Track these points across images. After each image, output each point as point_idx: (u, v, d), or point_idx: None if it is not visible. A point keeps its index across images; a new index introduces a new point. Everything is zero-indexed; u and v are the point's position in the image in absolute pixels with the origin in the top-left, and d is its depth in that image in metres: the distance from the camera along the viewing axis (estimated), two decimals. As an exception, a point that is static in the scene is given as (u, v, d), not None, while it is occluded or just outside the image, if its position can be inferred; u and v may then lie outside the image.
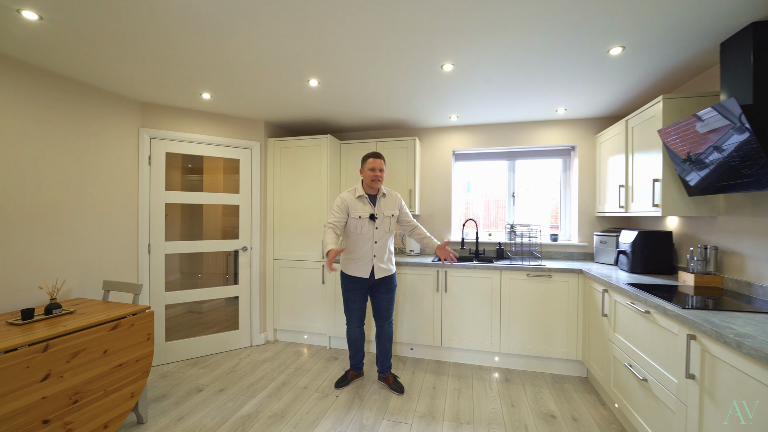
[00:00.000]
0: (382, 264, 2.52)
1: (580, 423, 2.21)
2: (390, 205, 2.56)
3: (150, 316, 2.17)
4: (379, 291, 2.57)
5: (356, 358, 2.70)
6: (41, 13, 1.65)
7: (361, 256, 2.50)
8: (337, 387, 2.62)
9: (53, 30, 1.79)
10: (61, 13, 1.64)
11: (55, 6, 1.59)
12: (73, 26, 1.76)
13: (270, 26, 1.75)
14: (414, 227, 2.64)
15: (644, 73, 2.27)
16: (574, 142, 3.38)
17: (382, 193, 2.54)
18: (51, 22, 1.72)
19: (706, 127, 1.73)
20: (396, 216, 2.57)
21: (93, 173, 2.53)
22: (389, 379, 2.64)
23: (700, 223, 2.32)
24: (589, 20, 1.68)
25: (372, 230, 2.48)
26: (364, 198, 2.50)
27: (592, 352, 2.59)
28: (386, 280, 2.57)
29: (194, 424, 2.16)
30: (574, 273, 2.77)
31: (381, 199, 2.53)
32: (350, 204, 2.48)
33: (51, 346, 1.67)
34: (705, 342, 1.39)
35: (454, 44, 1.92)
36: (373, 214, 2.47)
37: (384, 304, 2.59)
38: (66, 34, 1.83)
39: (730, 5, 1.56)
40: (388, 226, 2.53)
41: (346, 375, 2.70)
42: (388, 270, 2.56)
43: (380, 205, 2.51)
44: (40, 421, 1.62)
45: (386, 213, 2.52)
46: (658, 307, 1.71)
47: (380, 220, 2.49)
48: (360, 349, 2.70)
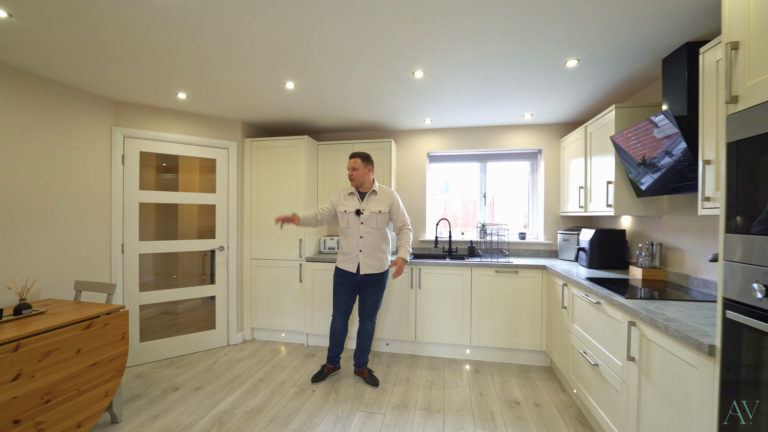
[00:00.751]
0: (368, 260, 2.56)
1: (542, 408, 2.38)
2: (379, 202, 2.59)
3: (124, 316, 2.18)
4: (366, 290, 2.63)
5: (334, 351, 2.76)
6: (11, 11, 1.64)
7: (348, 251, 2.58)
8: (314, 382, 2.68)
9: (24, 28, 1.78)
10: (31, 11, 1.64)
11: (25, 4, 1.59)
12: (45, 25, 1.75)
13: (247, 31, 1.81)
14: (400, 229, 2.66)
15: (598, 83, 2.46)
16: (541, 145, 3.58)
17: (373, 190, 2.61)
18: (21, 19, 1.71)
19: (661, 133, 1.89)
20: (385, 213, 2.58)
21: (64, 172, 2.49)
22: (364, 373, 2.72)
23: (648, 221, 2.54)
24: (547, 34, 1.83)
25: (357, 225, 2.55)
26: (355, 194, 2.62)
27: (554, 343, 2.78)
28: (373, 279, 2.61)
29: (170, 422, 2.18)
30: (538, 269, 2.95)
31: (371, 195, 2.61)
32: (340, 199, 2.63)
33: (22, 346, 1.66)
34: (642, 327, 1.56)
35: (424, 53, 2.03)
36: (359, 209, 2.56)
37: (369, 303, 2.65)
38: (37, 33, 1.83)
39: (668, 26, 1.75)
40: (375, 222, 2.56)
41: (322, 370, 2.75)
42: (375, 267, 2.58)
43: (368, 202, 2.58)
44: (11, 421, 1.62)
45: (373, 209, 2.56)
46: (606, 298, 1.88)
47: (366, 216, 2.54)
48: (340, 343, 2.75)
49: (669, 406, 1.38)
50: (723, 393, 1.10)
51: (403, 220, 2.65)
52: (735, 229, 1.06)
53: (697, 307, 1.61)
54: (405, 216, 2.67)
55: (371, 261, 2.58)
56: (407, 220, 2.66)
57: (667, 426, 1.40)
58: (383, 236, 2.62)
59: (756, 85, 1.00)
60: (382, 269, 2.63)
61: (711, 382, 1.15)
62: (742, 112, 1.03)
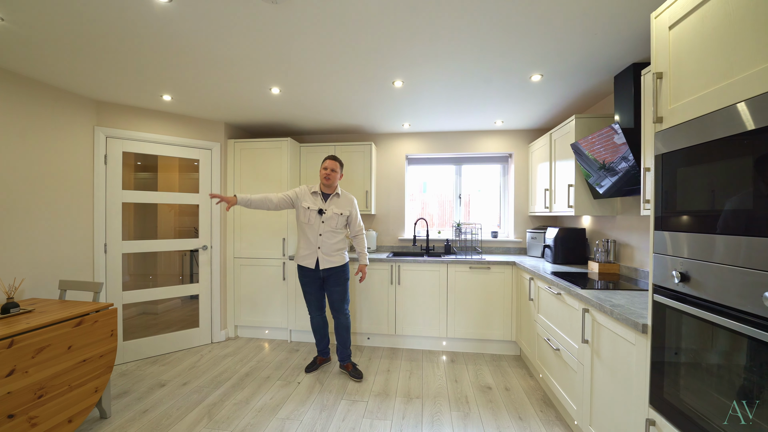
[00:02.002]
0: (327, 256, 2.68)
1: (512, 392, 2.60)
2: (341, 205, 2.73)
3: (113, 313, 2.23)
4: (330, 283, 2.75)
5: (322, 343, 2.96)
6: (3, 15, 1.68)
7: (307, 247, 2.69)
8: (308, 371, 2.85)
9: (14, 31, 1.82)
10: (23, 15, 1.68)
11: (16, 8, 1.63)
12: (34, 27, 1.79)
13: (237, 39, 1.92)
14: (356, 235, 2.82)
15: (561, 95, 2.71)
16: (511, 150, 3.84)
17: (336, 193, 2.75)
18: (11, 23, 1.75)
19: (620, 140, 2.11)
20: (345, 216, 2.73)
21: (46, 171, 2.50)
22: (348, 367, 2.84)
23: (605, 221, 2.82)
24: (513, 53, 2.04)
25: (318, 223, 2.66)
26: (318, 194, 2.71)
27: (522, 333, 3.02)
28: (335, 273, 2.74)
29: (160, 415, 2.25)
30: (508, 265, 3.19)
31: (334, 197, 2.73)
32: (303, 195, 2.70)
33: (16, 342, 1.71)
34: (594, 313, 1.79)
35: (403, 65, 2.20)
36: (322, 209, 2.67)
37: (335, 296, 2.77)
38: (26, 35, 1.86)
39: (616, 49, 1.99)
40: (335, 224, 2.69)
41: (314, 360, 2.93)
42: (334, 261, 2.71)
43: (331, 203, 2.71)
44: (5, 415, 1.66)
45: (335, 210, 2.69)
46: (565, 289, 2.11)
47: (327, 216, 2.66)
48: (324, 336, 2.94)
49: (615, 379, 1.61)
50: (653, 363, 1.32)
51: (360, 225, 2.82)
52: (660, 227, 1.29)
53: (640, 296, 1.86)
54: (361, 222, 2.85)
55: (329, 257, 2.70)
56: (363, 226, 2.85)
57: (613, 396, 1.62)
58: (341, 237, 2.76)
59: (675, 109, 1.22)
60: (342, 262, 2.76)
61: (645, 355, 1.38)
62: (665, 130, 1.26)
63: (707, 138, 1.07)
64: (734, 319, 0.97)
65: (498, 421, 2.22)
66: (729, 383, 1.02)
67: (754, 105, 0.92)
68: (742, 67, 0.97)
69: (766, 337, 0.86)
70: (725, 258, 1.01)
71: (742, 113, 0.96)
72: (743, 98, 0.96)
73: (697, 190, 1.12)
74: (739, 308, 0.97)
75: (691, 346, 1.15)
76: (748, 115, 0.94)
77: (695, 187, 1.12)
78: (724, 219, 1.02)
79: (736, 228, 0.98)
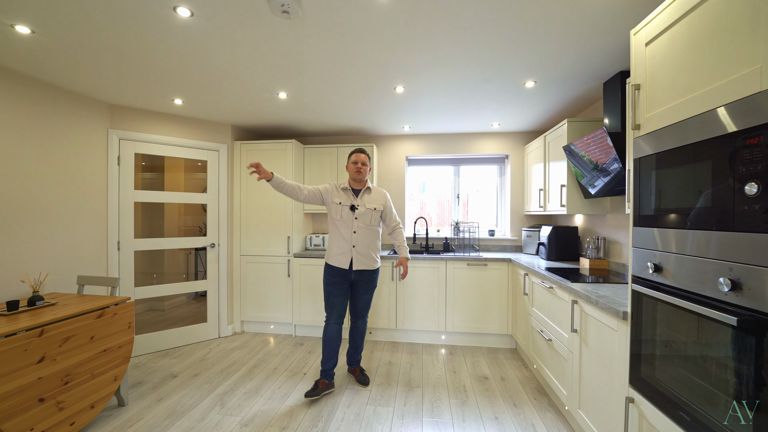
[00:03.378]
0: (362, 256, 2.50)
1: (507, 381, 2.74)
2: (374, 200, 2.57)
3: (130, 306, 2.36)
4: (359, 288, 2.57)
5: (329, 363, 2.53)
6: (34, 27, 1.81)
7: (341, 245, 2.50)
8: (308, 397, 2.41)
9: (41, 42, 1.95)
10: (52, 27, 1.81)
11: (47, 21, 1.76)
12: (60, 39, 1.92)
13: (249, 49, 2.05)
14: (394, 228, 2.67)
15: (553, 101, 2.86)
16: (508, 151, 3.98)
17: (367, 187, 2.58)
18: (42, 35, 1.88)
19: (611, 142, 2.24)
20: (380, 211, 2.56)
21: (64, 172, 2.63)
22: (356, 371, 2.74)
23: (596, 219, 2.96)
24: (509, 61, 2.18)
25: (351, 220, 2.49)
26: (348, 190, 2.55)
27: (518, 326, 3.16)
28: (366, 278, 2.56)
29: (175, 403, 2.38)
30: (504, 262, 3.33)
31: (365, 193, 2.57)
32: (332, 192, 2.54)
33: (45, 332, 1.84)
34: (582, 304, 1.93)
35: (405, 73, 2.34)
36: (354, 204, 2.51)
37: (361, 302, 2.62)
38: (52, 46, 1.99)
39: (604, 58, 2.13)
40: (370, 219, 2.52)
41: (316, 385, 2.48)
42: (368, 264, 2.53)
43: (363, 199, 2.55)
44: (37, 399, 1.79)
45: (368, 206, 2.52)
46: (557, 283, 2.25)
47: (360, 212, 2.50)
48: (334, 353, 2.54)
49: (600, 364, 1.75)
50: (632, 347, 1.46)
51: (396, 219, 2.68)
52: (638, 223, 1.43)
53: (625, 288, 2.00)
54: (397, 216, 2.70)
55: (364, 258, 2.52)
56: (399, 220, 2.70)
57: (599, 379, 1.77)
58: (376, 234, 2.59)
59: (650, 118, 1.36)
60: (375, 266, 2.59)
61: (625, 339, 1.52)
62: (641, 136, 1.40)
63: (673, 145, 1.21)
64: (696, 303, 1.11)
65: (494, 408, 2.36)
66: (693, 360, 1.16)
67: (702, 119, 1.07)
68: (701, 85, 1.11)
69: (720, 317, 1.00)
70: (690, 250, 1.15)
71: (696, 125, 1.10)
72: (697, 113, 1.10)
73: (667, 190, 1.26)
74: (700, 293, 1.11)
75: (664, 330, 1.29)
76: (698, 128, 1.08)
77: (666, 188, 1.26)
78: (688, 216, 1.16)
79: (698, 224, 1.12)
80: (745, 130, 0.95)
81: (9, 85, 2.28)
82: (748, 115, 0.94)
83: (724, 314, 0.98)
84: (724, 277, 1.01)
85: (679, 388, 1.21)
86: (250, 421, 2.19)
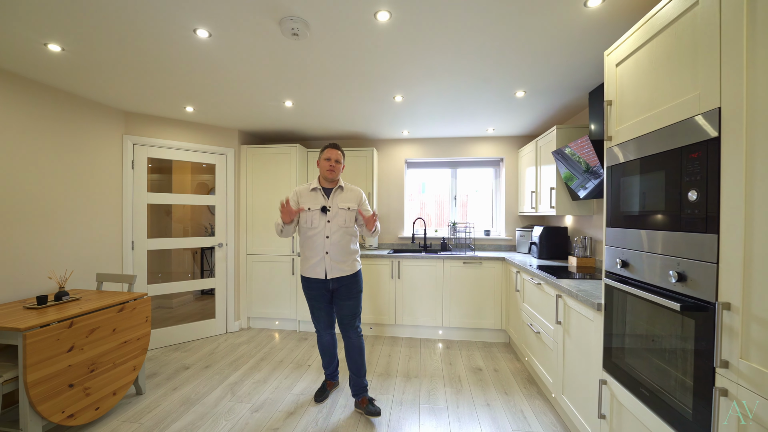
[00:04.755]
0: (337, 262, 2.27)
1: (500, 372, 2.91)
2: (347, 198, 2.34)
3: (148, 301, 2.53)
4: (340, 297, 2.33)
5: (331, 366, 2.56)
6: (64, 45, 1.99)
7: (313, 254, 2.28)
8: (317, 400, 2.43)
9: (70, 58, 2.12)
10: (80, 45, 1.98)
11: (76, 40, 1.93)
12: (87, 55, 2.10)
13: (259, 65, 2.23)
14: None
15: (543, 109, 3.03)
16: (502, 155, 4.15)
17: (339, 186, 2.35)
18: (70, 52, 2.06)
19: None
20: (354, 210, 2.33)
21: (83, 176, 2.80)
22: (364, 402, 2.30)
23: (583, 220, 3.14)
24: (500, 73, 2.35)
25: (323, 224, 2.26)
26: (318, 190, 2.32)
27: (511, 321, 3.34)
28: (346, 284, 2.32)
29: (189, 391, 2.56)
30: (498, 260, 3.50)
31: (337, 191, 2.34)
32: (302, 196, 2.33)
33: (75, 323, 2.02)
34: (566, 298, 2.10)
35: (404, 83, 2.52)
36: (325, 206, 2.28)
37: (346, 311, 2.34)
38: (79, 61, 2.17)
39: (588, 71, 2.31)
40: (343, 221, 2.28)
41: (324, 386, 2.52)
42: (345, 269, 2.29)
43: (335, 198, 2.32)
44: (67, 384, 1.97)
45: (341, 205, 2.29)
46: (544, 280, 2.43)
47: (333, 213, 2.27)
48: (333, 357, 2.54)
49: (579, 351, 1.93)
50: (605, 334, 1.63)
51: (370, 210, 2.42)
52: (610, 224, 1.60)
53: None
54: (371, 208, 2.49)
55: (340, 264, 2.28)
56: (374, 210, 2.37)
57: (579, 366, 1.94)
58: (352, 235, 2.35)
59: (619, 131, 1.54)
60: (354, 270, 2.34)
61: (599, 328, 1.69)
62: (612, 147, 1.57)
63: (636, 156, 1.39)
64: (653, 293, 1.28)
65: (486, 396, 2.54)
66: (651, 343, 1.33)
67: (657, 134, 1.24)
68: (657, 104, 1.29)
69: (668, 304, 1.17)
70: (648, 247, 1.32)
71: (653, 139, 1.27)
72: (654, 129, 1.28)
73: (632, 195, 1.43)
74: (656, 285, 1.28)
75: (631, 318, 1.47)
76: (655, 142, 1.26)
77: (631, 193, 1.44)
78: (647, 218, 1.33)
79: (654, 225, 1.29)
80: (687, 146, 1.13)
81: (37, 99, 2.45)
82: (689, 133, 1.12)
83: (671, 301, 1.15)
84: (673, 270, 1.18)
85: (641, 368, 1.38)
86: (260, 407, 2.37)
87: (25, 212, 2.39)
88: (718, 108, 1.02)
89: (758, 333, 0.91)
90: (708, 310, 1.05)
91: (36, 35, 1.87)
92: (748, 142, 0.93)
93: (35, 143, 2.45)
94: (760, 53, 0.90)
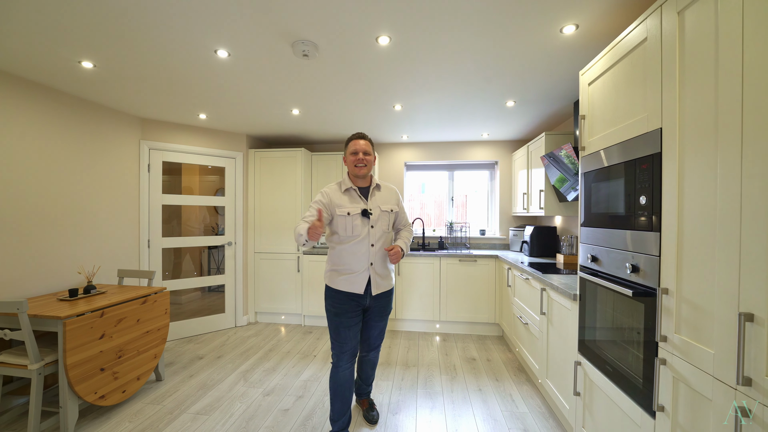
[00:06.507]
0: (381, 277, 1.97)
1: (492, 362, 3.13)
2: (387, 199, 2.03)
3: (167, 295, 2.75)
4: (373, 316, 2.03)
5: (342, 420, 1.97)
6: (96, 62, 2.20)
7: (356, 266, 1.91)
8: None
9: (99, 73, 2.34)
10: (110, 62, 2.20)
11: (107, 57, 2.14)
12: (115, 70, 2.31)
13: (271, 80, 2.44)
14: (404, 227, 2.16)
15: (532, 117, 3.25)
16: (497, 158, 4.37)
17: (375, 184, 2.04)
18: (101, 69, 2.28)
19: None
20: (395, 213, 2.06)
21: (104, 179, 3.02)
22: (365, 404, 2.28)
23: (570, 220, 3.35)
24: (489, 84, 2.57)
25: (367, 230, 1.92)
26: (353, 191, 1.98)
27: (503, 315, 3.55)
28: (382, 302, 2.02)
29: (205, 378, 2.78)
30: (492, 258, 3.72)
31: (375, 191, 2.02)
32: (334, 198, 1.94)
33: (105, 313, 2.24)
34: (549, 291, 2.32)
35: (402, 94, 2.74)
36: (366, 209, 1.93)
37: (376, 332, 2.09)
38: (107, 75, 2.39)
39: (571, 84, 2.52)
40: (387, 225, 1.99)
41: None
42: (387, 284, 2.02)
43: (375, 199, 1.99)
44: (98, 368, 2.19)
45: (383, 207, 1.98)
46: (531, 275, 2.64)
47: (376, 217, 1.95)
48: (348, 403, 1.98)
49: (560, 337, 2.15)
50: (579, 320, 1.85)
51: (407, 219, 2.18)
52: (584, 224, 1.82)
53: (586, 278, 2.39)
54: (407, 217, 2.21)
55: (382, 278, 1.98)
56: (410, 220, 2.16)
57: (560, 351, 2.16)
58: (390, 242, 2.08)
59: (591, 142, 1.75)
60: (392, 285, 2.08)
61: (575, 316, 1.91)
62: (585, 156, 1.79)
63: (603, 165, 1.60)
64: (613, 283, 1.50)
65: (478, 382, 2.75)
66: (614, 325, 1.55)
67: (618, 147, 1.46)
68: (618, 121, 1.51)
69: (623, 291, 1.39)
70: (610, 244, 1.54)
71: (615, 151, 1.49)
72: (615, 142, 1.50)
73: (600, 199, 1.65)
74: (617, 276, 1.50)
75: (600, 306, 1.68)
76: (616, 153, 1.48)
77: (599, 197, 1.66)
78: (610, 218, 1.55)
79: (615, 224, 1.51)
80: (640, 158, 1.34)
81: (65, 108, 2.67)
82: (641, 147, 1.33)
83: (626, 289, 1.37)
84: (629, 263, 1.40)
85: (607, 348, 1.60)
86: (270, 391, 2.58)
87: (55, 213, 2.61)
88: (659, 128, 1.23)
89: (687, 312, 1.13)
90: (653, 295, 1.27)
91: (72, 54, 2.08)
92: (680, 157, 1.15)
93: (63, 150, 2.67)
94: (688, 85, 1.12)
